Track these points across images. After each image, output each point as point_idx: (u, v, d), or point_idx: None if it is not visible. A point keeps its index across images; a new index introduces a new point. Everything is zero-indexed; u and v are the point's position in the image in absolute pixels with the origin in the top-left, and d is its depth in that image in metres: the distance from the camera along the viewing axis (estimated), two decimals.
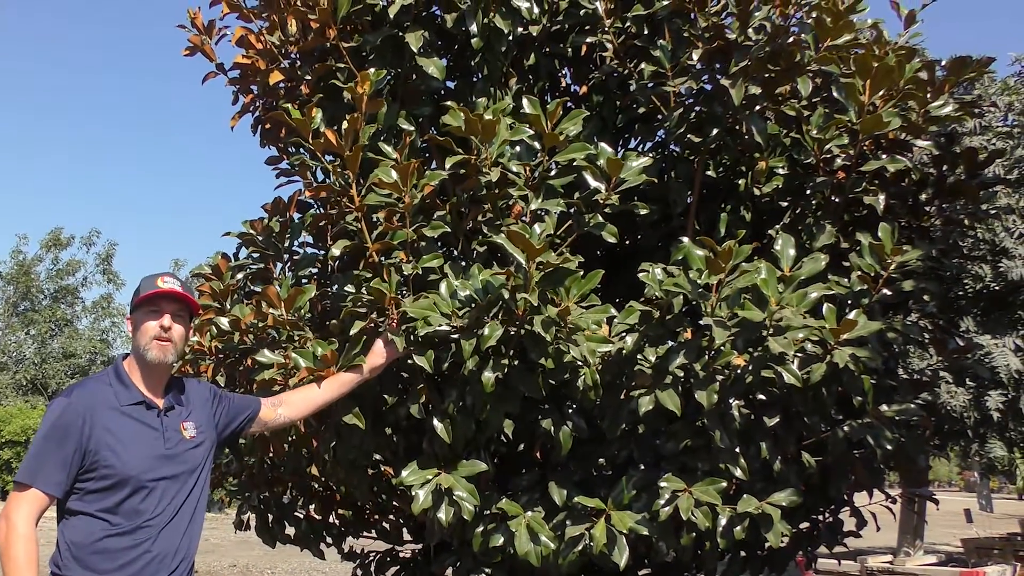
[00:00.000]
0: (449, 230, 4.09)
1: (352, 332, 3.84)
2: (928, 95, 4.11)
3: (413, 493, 3.86)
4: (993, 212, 5.22)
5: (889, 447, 4.06)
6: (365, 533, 5.11)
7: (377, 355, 3.68)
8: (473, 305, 3.68)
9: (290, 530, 4.90)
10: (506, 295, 3.64)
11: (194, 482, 3.16)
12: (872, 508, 4.73)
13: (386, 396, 4.08)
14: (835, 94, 4.11)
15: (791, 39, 4.06)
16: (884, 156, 4.20)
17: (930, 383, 4.68)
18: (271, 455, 4.55)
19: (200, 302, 4.15)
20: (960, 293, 8.10)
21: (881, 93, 3.96)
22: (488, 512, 4.03)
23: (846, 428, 4.08)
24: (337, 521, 5.00)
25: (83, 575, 2.91)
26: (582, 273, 3.74)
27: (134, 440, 3.01)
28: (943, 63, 4.41)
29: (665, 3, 4.14)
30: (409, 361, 3.79)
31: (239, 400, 3.54)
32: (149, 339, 3.08)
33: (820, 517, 4.72)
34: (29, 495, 2.89)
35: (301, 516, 4.88)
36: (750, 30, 4.01)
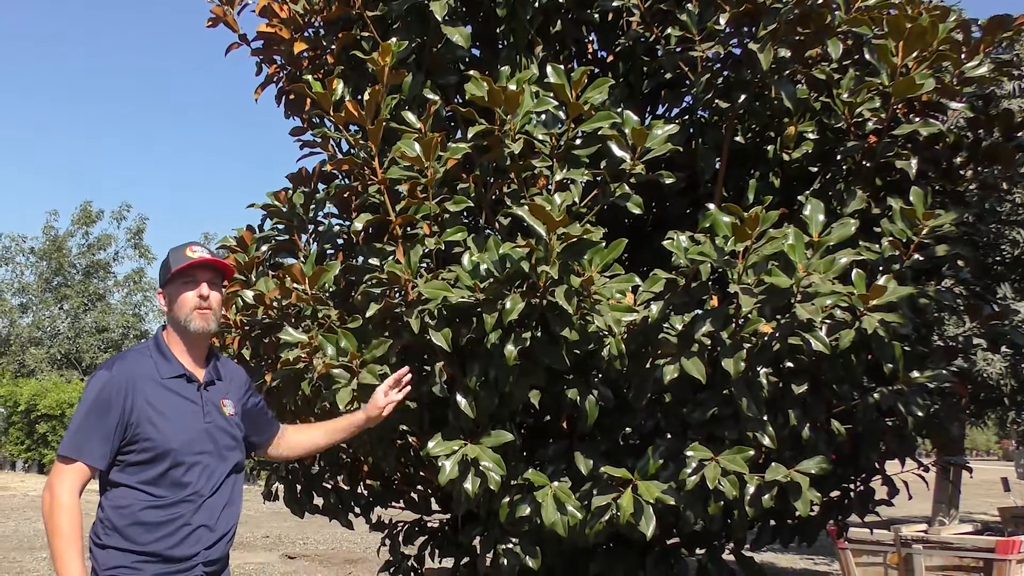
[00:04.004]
0: (472, 204, 4.06)
1: (369, 314, 3.83)
2: (963, 56, 4.01)
3: (439, 464, 3.86)
4: None
5: (920, 415, 4.01)
6: (393, 503, 5.14)
7: (375, 406, 3.55)
8: (492, 279, 3.66)
9: (318, 501, 4.93)
10: (526, 268, 3.61)
11: (234, 459, 3.17)
12: (904, 477, 4.68)
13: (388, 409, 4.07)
14: (867, 56, 4.02)
15: (821, 1, 3.97)
16: (917, 120, 4.11)
17: (963, 350, 4.59)
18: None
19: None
20: (997, 259, 7.95)
21: (914, 55, 3.87)
22: (515, 482, 4.02)
23: (876, 396, 4.03)
24: (365, 492, 5.03)
25: (123, 544, 2.93)
26: (604, 244, 3.70)
27: (175, 414, 3.01)
28: (980, 23, 4.30)
29: None
30: (426, 336, 3.76)
31: (267, 417, 3.49)
32: (190, 310, 3.08)
33: (851, 486, 4.67)
34: (73, 468, 2.91)
35: (329, 487, 4.92)
36: None
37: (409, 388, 3.61)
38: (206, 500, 3.04)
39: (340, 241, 4.60)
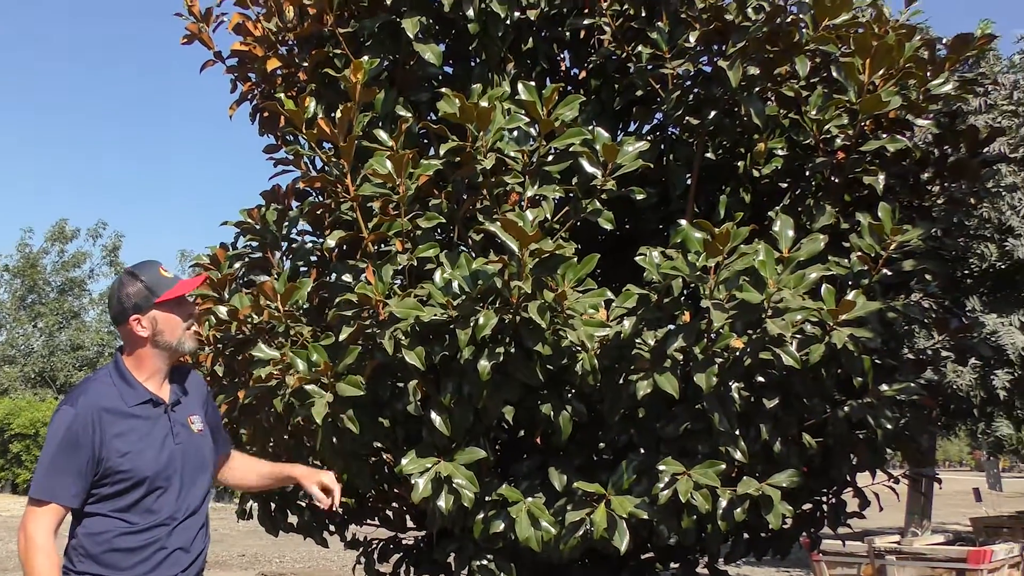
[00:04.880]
0: (445, 220, 4.07)
1: (342, 338, 3.83)
2: (929, 74, 4.08)
3: (413, 481, 3.86)
4: (996, 191, 5.18)
5: (890, 427, 4.05)
6: (368, 521, 5.11)
7: (313, 481, 3.39)
8: (465, 295, 3.67)
9: (293, 518, 4.90)
10: (499, 283, 3.63)
11: (205, 477, 3.15)
12: (875, 488, 4.72)
13: (379, 393, 4.08)
14: (834, 74, 4.08)
15: (789, 19, 4.02)
16: (884, 136, 4.17)
17: (932, 362, 4.65)
18: (272, 444, 4.56)
19: (199, 291, 4.16)
20: (966, 272, 8.06)
21: (881, 72, 3.93)
22: (489, 499, 4.03)
23: (846, 409, 4.07)
24: (340, 509, 5.00)
25: (99, 571, 2.88)
26: (577, 259, 3.73)
27: (145, 442, 2.95)
28: (945, 41, 4.37)
29: None
30: (399, 355, 3.77)
31: (222, 434, 3.41)
32: (183, 331, 3.04)
33: (823, 499, 4.71)
34: (47, 509, 2.85)
35: (304, 505, 4.89)
36: (748, 10, 3.98)
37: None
38: (181, 522, 3.00)
39: (313, 258, 4.59)
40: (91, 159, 77.99)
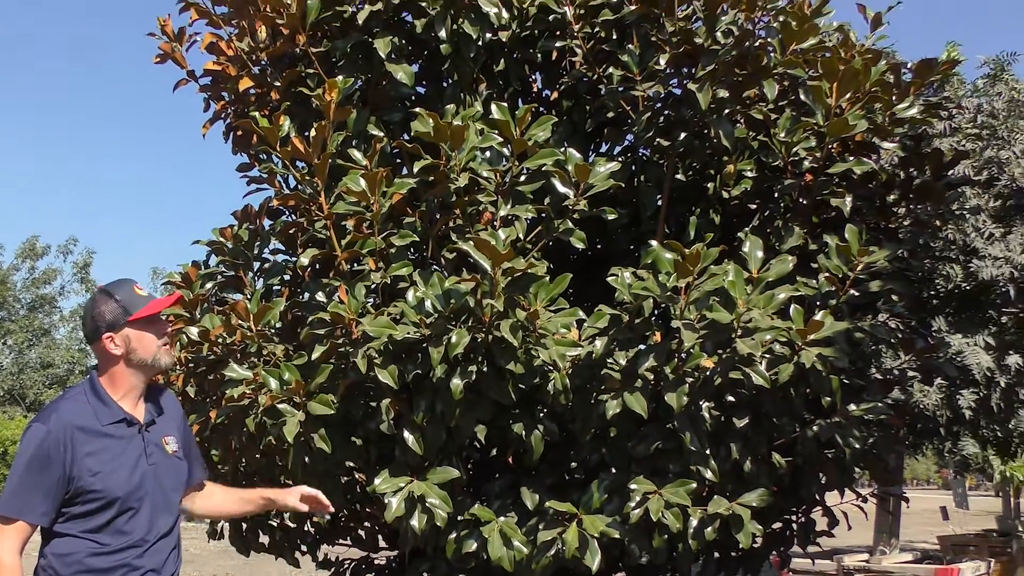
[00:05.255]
0: (418, 239, 4.09)
1: (315, 357, 3.83)
2: (894, 97, 4.15)
3: (386, 500, 3.86)
4: (960, 213, 5.26)
5: (858, 446, 4.10)
6: (340, 541, 5.09)
7: (292, 494, 3.32)
8: (437, 314, 3.69)
9: (264, 538, 4.88)
10: (472, 302, 3.65)
11: (178, 498, 3.12)
12: (844, 507, 4.76)
13: (352, 412, 4.08)
14: (802, 97, 4.14)
15: (757, 43, 4.09)
16: (851, 158, 4.23)
17: (899, 382, 4.71)
18: (244, 464, 4.54)
19: (171, 311, 4.14)
20: (932, 293, 8.17)
21: (847, 96, 4.00)
22: (461, 518, 4.03)
23: (815, 428, 4.11)
24: (311, 529, 4.98)
25: None
26: (548, 278, 3.75)
27: (118, 462, 2.92)
28: (910, 66, 4.45)
29: (633, 8, 4.16)
30: (371, 373, 3.77)
31: (197, 457, 3.36)
32: (157, 348, 3.02)
33: (792, 517, 4.75)
34: (14, 527, 2.81)
35: (275, 524, 4.86)
36: (717, 34, 4.04)
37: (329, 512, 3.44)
38: (153, 544, 2.97)
39: (286, 277, 4.59)
40: (63, 174, 77.28)
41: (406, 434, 3.91)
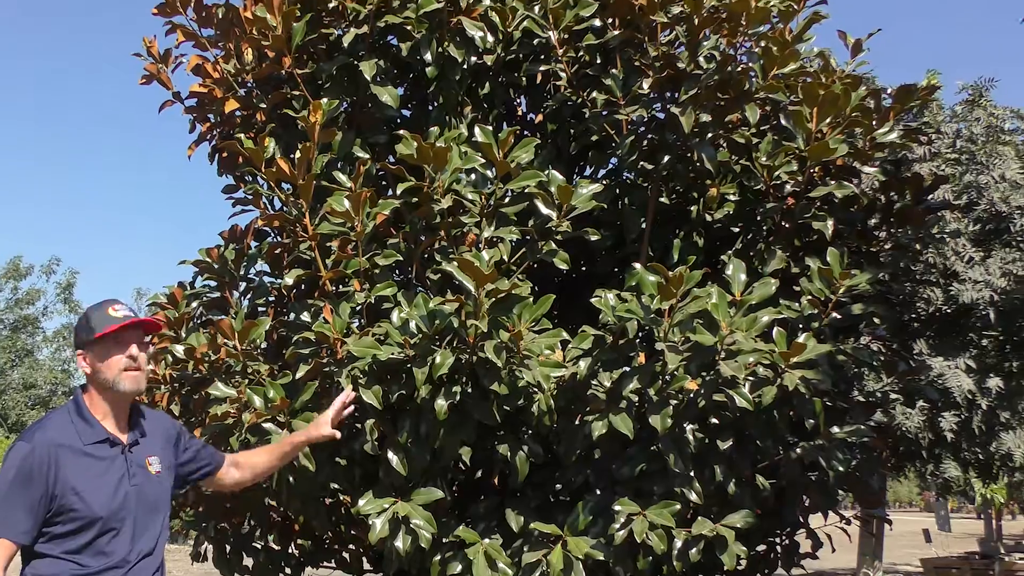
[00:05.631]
0: (402, 259, 4.10)
1: (299, 376, 3.83)
2: (874, 122, 4.20)
3: (370, 522, 3.85)
4: (940, 237, 5.31)
5: (841, 469, 4.11)
6: (325, 563, 5.07)
7: (320, 426, 3.42)
8: (422, 334, 3.70)
9: (248, 561, 4.84)
10: (456, 323, 3.66)
11: (161, 519, 3.10)
12: (828, 530, 4.77)
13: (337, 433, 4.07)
14: (783, 122, 4.19)
15: (739, 68, 4.14)
16: (832, 182, 4.28)
17: (881, 405, 4.74)
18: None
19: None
20: (913, 316, 8.22)
21: (828, 120, 4.05)
22: (446, 540, 4.02)
23: (799, 450, 4.13)
24: (296, 551, 4.96)
25: None
26: (532, 299, 3.77)
27: (100, 481, 2.91)
28: (889, 91, 4.51)
29: (616, 33, 4.20)
30: (355, 393, 3.77)
31: (206, 450, 3.41)
32: (119, 371, 2.99)
33: (777, 539, 4.75)
34: None
35: (259, 547, 4.84)
36: (700, 59, 4.09)
37: (353, 408, 3.53)
38: (135, 565, 2.95)
39: (271, 297, 4.59)
40: (46, 194, 76.99)
41: (390, 455, 3.90)
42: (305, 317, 4.02)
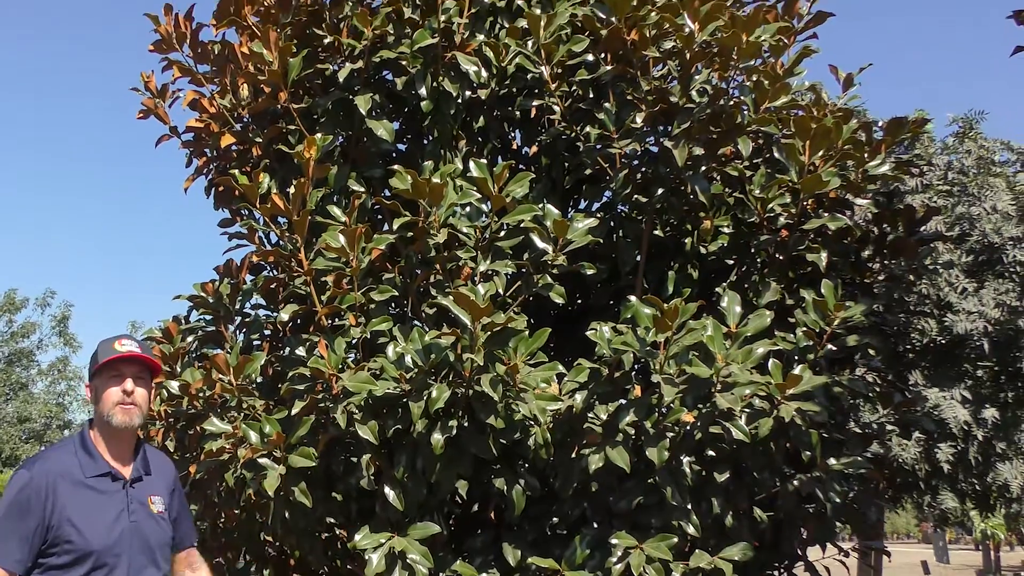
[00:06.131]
0: (398, 293, 4.11)
1: (295, 412, 3.82)
2: (866, 155, 4.23)
3: (367, 557, 3.82)
4: (933, 268, 5.33)
5: (839, 500, 4.11)
6: None
7: None
8: (417, 368, 3.70)
9: None
10: (452, 356, 3.66)
11: (158, 559, 3.07)
12: (826, 562, 4.75)
13: (332, 468, 4.06)
14: (776, 154, 4.22)
15: (731, 102, 4.17)
16: (825, 214, 4.30)
17: (877, 436, 4.74)
18: (223, 520, 4.49)
19: None
20: (908, 347, 8.23)
21: (820, 153, 4.08)
22: (443, 574, 3.99)
23: (796, 482, 4.12)
24: None
25: None
26: (528, 333, 3.77)
27: (98, 514, 2.89)
28: (880, 124, 4.55)
29: (609, 68, 4.24)
30: (351, 428, 3.77)
31: (187, 523, 3.32)
32: (113, 404, 2.99)
33: (775, 572, 4.72)
34: None
35: None
36: (692, 93, 4.12)
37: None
38: None
39: (267, 332, 4.59)
40: (42, 227, 77.02)
41: (387, 489, 3.89)
42: (300, 352, 4.01)
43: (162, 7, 4.65)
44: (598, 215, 4.45)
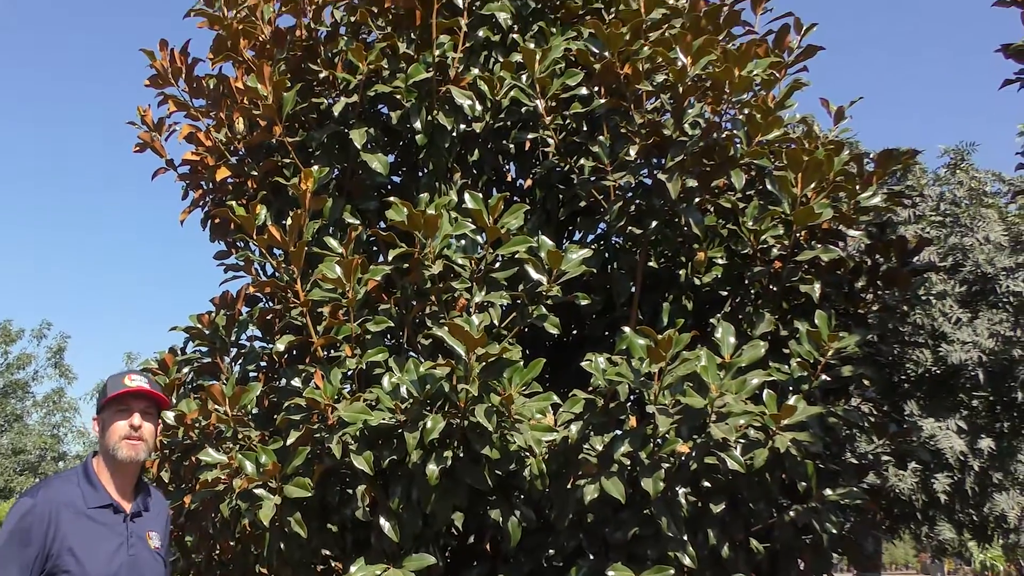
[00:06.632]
0: (393, 324, 4.12)
1: (290, 442, 3.83)
2: (857, 187, 4.27)
3: None
4: (927, 298, 5.35)
5: (835, 531, 4.10)
6: None
7: None
8: (413, 399, 3.70)
9: None
10: (447, 387, 3.67)
11: None
12: None
13: (327, 499, 4.05)
14: (769, 187, 4.25)
15: (724, 134, 4.21)
16: (818, 246, 4.33)
17: (873, 467, 4.74)
18: (218, 552, 4.47)
19: None
20: (902, 378, 8.23)
21: (812, 185, 4.11)
22: None
23: (792, 513, 4.11)
24: None
25: None
26: (523, 363, 3.79)
27: (97, 545, 2.90)
28: (872, 156, 4.59)
29: (602, 101, 4.28)
30: (347, 459, 3.77)
31: (167, 568, 3.35)
32: (119, 438, 3.00)
33: None
34: None
35: None
36: (685, 126, 4.16)
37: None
38: None
39: (263, 363, 4.60)
40: (38, 258, 77.03)
41: (382, 521, 3.88)
42: (296, 383, 4.02)
43: (157, 42, 4.70)
44: (593, 246, 4.48)
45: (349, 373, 4.00)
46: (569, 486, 3.94)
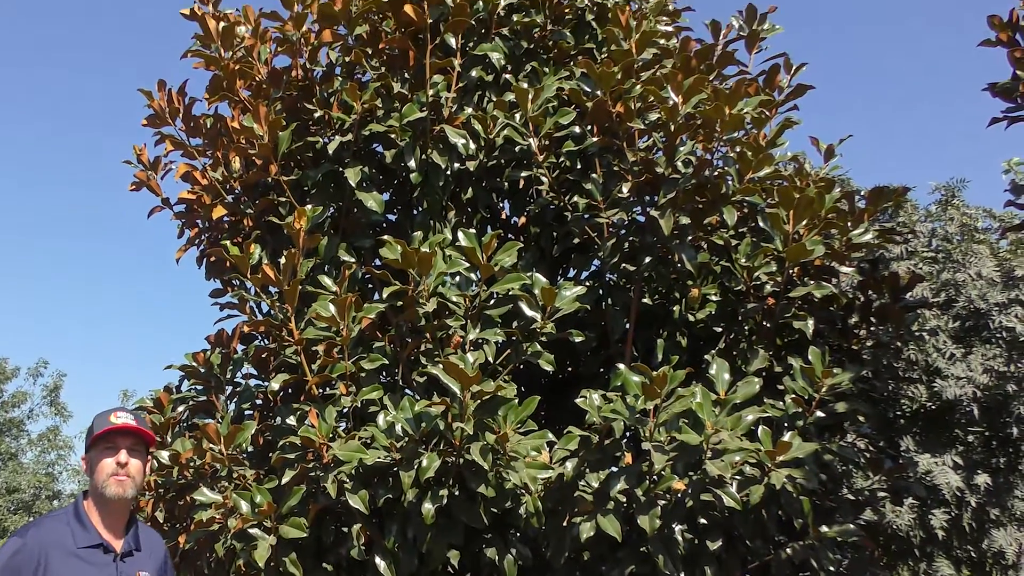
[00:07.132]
0: (388, 362, 4.13)
1: (285, 481, 3.82)
2: (849, 224, 4.30)
3: None
4: (920, 334, 5.35)
5: (832, 568, 4.08)
6: None
7: None
8: (408, 437, 3.70)
9: None
10: (442, 425, 3.67)
11: None
12: None
13: (323, 538, 4.03)
14: (761, 224, 4.28)
15: (716, 172, 4.25)
16: (811, 282, 4.35)
17: (869, 503, 4.72)
18: None
19: None
20: (898, 413, 8.21)
21: (804, 222, 4.14)
22: None
23: (789, 550, 4.09)
24: None
25: None
26: (518, 400, 3.79)
27: None
28: (863, 192, 4.62)
29: (595, 139, 4.32)
30: (342, 498, 3.75)
31: None
32: (107, 476, 2.99)
33: None
34: None
35: None
36: (677, 163, 4.19)
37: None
38: None
39: (258, 401, 4.59)
40: (34, 297, 76.70)
41: (378, 560, 3.86)
42: (291, 421, 4.02)
43: (155, 83, 4.74)
44: (587, 283, 4.50)
45: (344, 411, 4.00)
46: (565, 524, 3.93)
